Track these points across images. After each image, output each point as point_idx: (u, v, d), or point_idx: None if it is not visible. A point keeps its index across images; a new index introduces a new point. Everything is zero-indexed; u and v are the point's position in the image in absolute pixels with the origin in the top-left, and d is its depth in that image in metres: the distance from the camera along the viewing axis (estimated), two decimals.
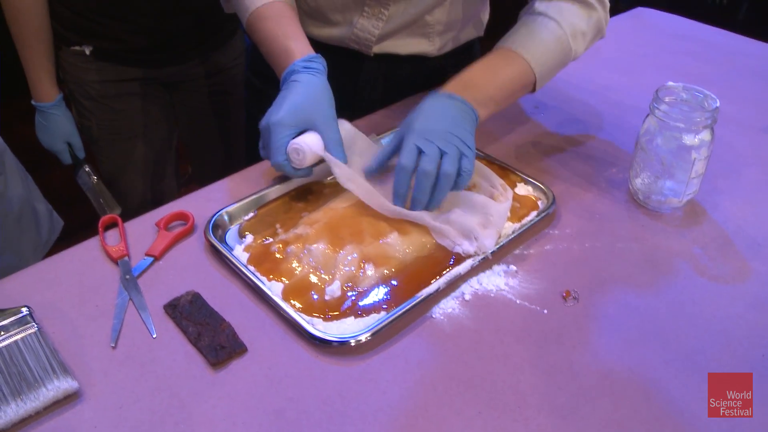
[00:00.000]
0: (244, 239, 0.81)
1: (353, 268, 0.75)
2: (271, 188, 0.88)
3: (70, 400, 0.62)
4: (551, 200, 0.87)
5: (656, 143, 0.85)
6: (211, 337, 0.68)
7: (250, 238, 0.81)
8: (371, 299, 0.73)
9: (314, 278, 0.75)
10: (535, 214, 0.86)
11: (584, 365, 0.67)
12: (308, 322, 0.69)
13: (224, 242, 0.81)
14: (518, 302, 0.74)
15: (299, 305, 0.71)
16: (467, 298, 0.75)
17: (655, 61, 1.36)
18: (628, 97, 1.19)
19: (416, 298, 0.72)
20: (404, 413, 0.62)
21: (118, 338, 0.69)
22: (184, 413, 0.62)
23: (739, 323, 0.73)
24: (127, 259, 0.78)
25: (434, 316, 0.72)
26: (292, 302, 0.72)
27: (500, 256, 0.80)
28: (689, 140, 0.82)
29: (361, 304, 0.72)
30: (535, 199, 0.89)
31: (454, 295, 0.75)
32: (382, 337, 0.69)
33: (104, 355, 0.67)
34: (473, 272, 0.77)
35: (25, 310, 0.68)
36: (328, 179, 0.92)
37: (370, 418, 0.62)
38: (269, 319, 0.71)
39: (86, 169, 1.42)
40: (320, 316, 0.70)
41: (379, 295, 0.73)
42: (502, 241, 0.80)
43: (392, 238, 0.78)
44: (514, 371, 0.66)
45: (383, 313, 0.71)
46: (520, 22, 0.96)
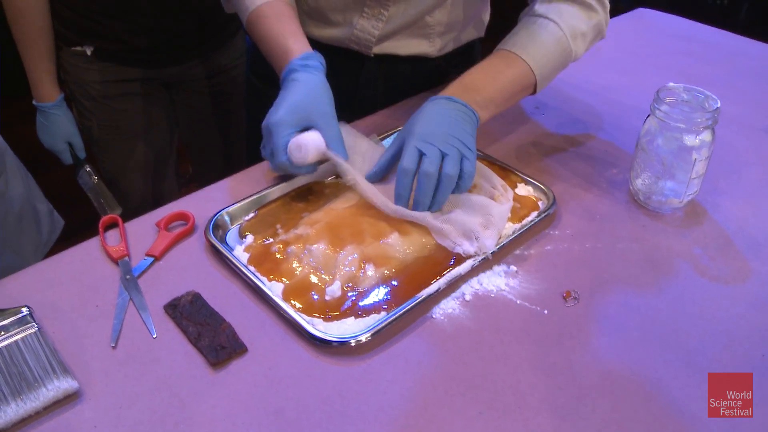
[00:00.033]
0: (244, 239, 0.81)
1: (354, 268, 0.75)
2: (271, 188, 0.88)
3: (70, 400, 0.62)
4: (552, 201, 0.87)
5: (657, 144, 0.85)
6: (211, 337, 0.68)
7: (250, 238, 0.81)
8: (371, 299, 0.72)
9: (314, 278, 0.75)
10: (535, 214, 0.86)
11: (584, 365, 0.67)
12: (308, 322, 0.69)
13: (225, 242, 0.81)
14: (518, 302, 0.74)
15: (299, 305, 0.72)
16: (467, 298, 0.75)
17: (655, 61, 1.36)
18: (628, 97, 1.19)
19: (416, 298, 0.72)
20: (404, 413, 0.62)
21: (118, 338, 0.69)
22: (184, 413, 0.62)
23: (739, 323, 0.73)
24: (127, 259, 0.78)
25: (434, 316, 0.72)
26: (292, 302, 0.72)
27: (500, 256, 0.80)
28: (690, 141, 0.82)
29: (361, 304, 0.72)
30: (535, 199, 0.89)
31: (454, 295, 0.75)
32: (382, 337, 0.69)
33: (104, 355, 0.67)
34: (473, 272, 0.77)
35: (25, 310, 0.69)
36: (328, 179, 0.92)
37: (370, 418, 0.62)
38: (269, 319, 0.71)
39: (87, 169, 1.42)
40: (320, 316, 0.70)
41: (379, 295, 0.73)
42: (502, 241, 0.80)
43: (393, 238, 0.78)
44: (514, 371, 0.66)
45: (383, 313, 0.71)
46: (520, 24, 0.96)
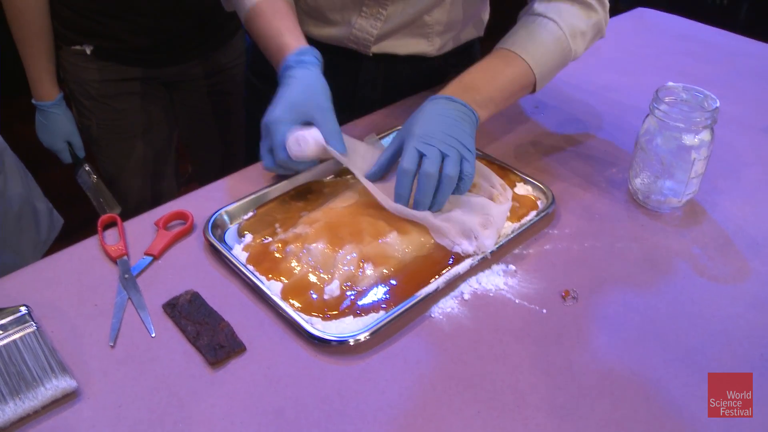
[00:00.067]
0: (243, 238, 0.81)
1: (352, 267, 0.75)
2: (270, 188, 0.88)
3: (68, 399, 0.62)
4: (551, 200, 0.87)
5: (656, 143, 0.85)
6: (210, 336, 0.68)
7: (249, 237, 0.81)
8: (370, 299, 0.72)
9: (313, 278, 0.74)
10: (534, 213, 0.86)
11: (583, 365, 0.67)
12: (307, 321, 0.69)
13: (223, 241, 0.81)
14: (517, 302, 0.74)
15: (298, 304, 0.71)
16: (466, 297, 0.74)
17: (655, 61, 1.36)
18: (627, 97, 1.19)
19: (415, 297, 0.72)
20: (403, 412, 0.62)
21: (116, 337, 0.69)
22: (183, 412, 0.61)
23: (738, 323, 0.73)
24: (126, 258, 0.78)
25: (433, 315, 0.72)
26: (291, 301, 0.72)
27: (499, 255, 0.80)
28: (689, 140, 0.82)
29: (360, 303, 0.72)
30: (534, 198, 0.89)
31: (453, 294, 0.75)
32: (381, 336, 0.69)
33: (103, 354, 0.67)
34: (472, 272, 0.77)
35: (23, 309, 0.68)
36: (327, 178, 0.92)
37: (369, 417, 0.62)
38: (268, 318, 0.71)
39: (86, 168, 1.42)
40: (319, 315, 0.70)
41: (378, 294, 0.73)
42: (501, 240, 0.80)
43: (391, 237, 0.78)
44: (513, 371, 0.66)
45: (382, 312, 0.71)
46: (519, 23, 0.96)
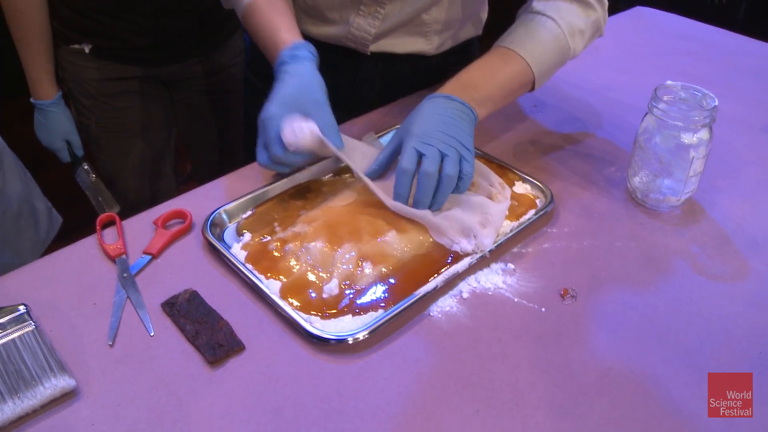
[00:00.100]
0: (241, 237, 0.81)
1: (351, 266, 0.75)
2: (269, 186, 0.88)
3: (67, 398, 0.62)
4: (549, 199, 0.87)
5: (655, 142, 0.84)
6: (208, 335, 0.68)
7: (247, 236, 0.81)
8: (369, 297, 0.72)
9: (312, 276, 0.74)
10: (533, 212, 0.86)
11: (582, 363, 0.67)
12: (306, 320, 0.69)
13: (222, 240, 0.81)
14: (516, 300, 0.74)
15: (297, 303, 0.71)
16: (465, 296, 0.74)
17: (654, 60, 1.36)
18: (626, 95, 1.19)
19: (414, 296, 0.72)
20: (402, 411, 0.62)
21: (115, 336, 0.69)
22: (181, 411, 0.61)
23: (737, 322, 0.73)
24: (124, 257, 0.78)
25: (432, 314, 0.72)
26: (289, 300, 0.72)
27: (498, 254, 0.80)
28: (687, 139, 0.82)
29: (358, 302, 0.72)
30: (533, 197, 0.89)
31: (452, 293, 0.75)
32: (379, 335, 0.69)
33: (102, 353, 0.67)
34: (471, 270, 0.77)
35: (22, 308, 0.68)
36: (326, 177, 0.92)
37: (368, 416, 0.62)
38: (267, 317, 0.71)
39: (85, 167, 1.42)
40: (318, 314, 0.70)
41: (377, 293, 0.73)
42: (500, 239, 0.80)
43: (390, 236, 0.78)
44: (512, 369, 0.66)
45: (381, 311, 0.71)
46: (518, 21, 0.96)
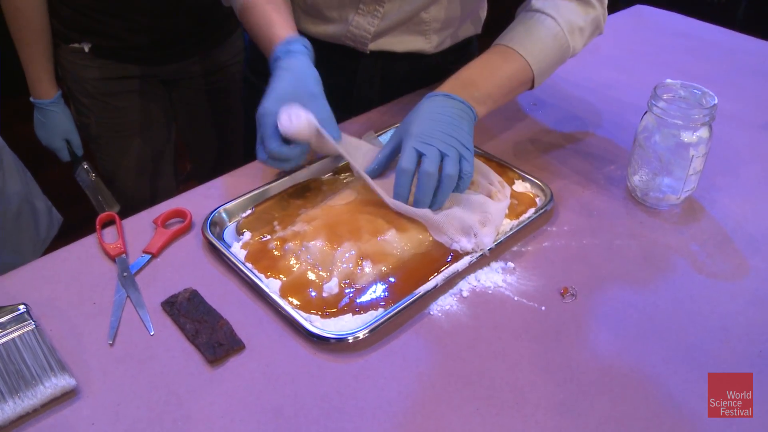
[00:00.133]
0: (241, 236, 0.81)
1: (351, 265, 0.75)
2: (268, 185, 0.88)
3: (67, 397, 0.62)
4: (549, 197, 0.87)
5: (654, 140, 0.84)
6: (208, 334, 0.68)
7: (247, 235, 0.81)
8: (369, 296, 0.72)
9: (312, 275, 0.74)
10: (533, 211, 0.86)
11: (582, 362, 0.67)
12: (306, 319, 0.69)
13: (222, 239, 0.81)
14: (516, 299, 0.74)
15: (297, 302, 0.71)
16: (465, 295, 0.75)
17: (653, 58, 1.36)
18: (626, 94, 1.19)
19: (414, 295, 0.72)
20: (402, 410, 0.62)
21: (115, 335, 0.69)
22: (181, 410, 0.61)
23: (737, 320, 0.73)
24: (124, 256, 0.78)
25: (432, 313, 0.72)
26: (289, 299, 0.72)
27: (498, 253, 0.80)
28: (687, 137, 0.82)
29: (358, 301, 0.72)
30: (533, 196, 0.89)
31: (452, 292, 0.75)
32: (379, 334, 0.69)
33: (102, 352, 0.67)
34: (471, 269, 0.77)
35: (22, 307, 0.68)
36: (326, 176, 0.92)
37: (368, 415, 0.62)
38: (267, 316, 0.71)
39: (85, 166, 1.42)
40: (318, 313, 0.70)
41: (376, 292, 0.73)
42: (499, 238, 0.80)
43: (390, 235, 0.78)
44: (512, 368, 0.66)
45: (381, 310, 0.71)
46: (517, 19, 0.96)
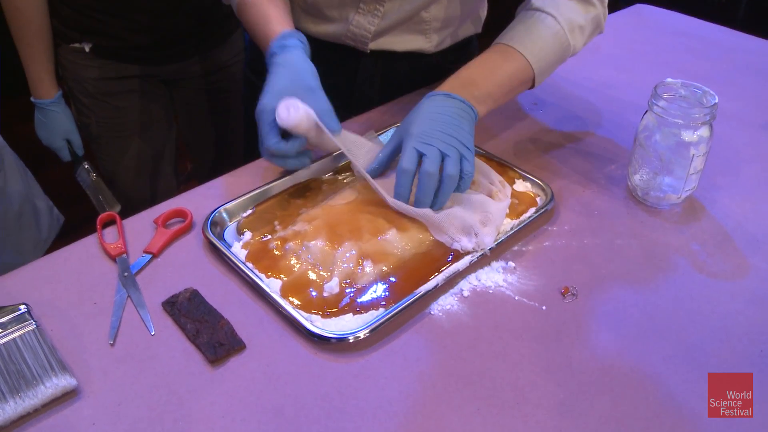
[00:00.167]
0: (242, 236, 0.81)
1: (351, 264, 0.75)
2: (269, 185, 0.88)
3: (68, 397, 0.62)
4: (550, 197, 0.87)
5: (655, 139, 0.84)
6: (209, 334, 0.68)
7: (248, 235, 0.81)
8: (370, 296, 0.72)
9: (312, 275, 0.74)
10: (533, 210, 0.86)
11: (583, 362, 0.67)
12: (306, 318, 0.69)
13: (222, 239, 0.81)
14: (517, 299, 0.74)
15: (297, 302, 0.71)
16: (466, 294, 0.75)
17: (654, 57, 1.36)
18: (626, 93, 1.19)
19: (415, 294, 0.72)
20: (403, 410, 0.62)
21: (116, 335, 0.69)
22: (182, 410, 0.62)
23: (738, 320, 0.73)
24: (125, 256, 0.78)
25: (433, 312, 0.72)
26: (290, 299, 0.72)
27: (499, 252, 0.80)
28: (688, 136, 0.82)
29: (359, 300, 0.72)
30: (533, 195, 0.89)
31: (452, 291, 0.75)
32: (380, 333, 0.69)
33: (102, 352, 0.67)
34: (472, 269, 0.77)
35: (23, 307, 0.68)
36: (326, 176, 0.92)
37: (368, 414, 0.62)
38: (267, 316, 0.71)
39: (85, 166, 1.42)
40: (318, 312, 0.70)
41: (377, 291, 0.73)
42: (500, 237, 0.80)
43: (391, 234, 0.78)
44: (512, 368, 0.66)
45: (382, 309, 0.71)
46: (517, 18, 0.96)
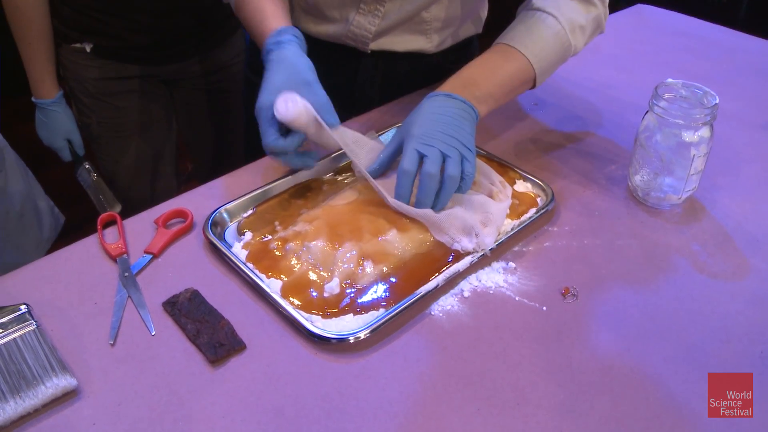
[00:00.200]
0: (242, 236, 0.81)
1: (352, 265, 0.75)
2: (270, 185, 0.88)
3: (68, 397, 0.63)
4: (550, 197, 0.87)
5: (655, 140, 0.84)
6: (210, 334, 0.68)
7: (248, 235, 0.81)
8: (370, 296, 0.72)
9: (313, 275, 0.74)
10: (534, 211, 0.86)
11: (583, 362, 0.67)
12: (307, 319, 0.69)
13: (223, 239, 0.81)
14: (517, 299, 0.74)
15: (298, 302, 0.71)
16: (466, 295, 0.75)
17: (654, 58, 1.36)
18: (627, 94, 1.19)
19: (415, 295, 0.72)
20: (403, 410, 0.62)
21: (116, 336, 0.69)
22: (183, 410, 0.62)
23: (738, 320, 0.73)
24: (126, 256, 0.78)
25: (433, 313, 0.72)
26: (290, 299, 0.72)
27: (499, 253, 0.80)
28: (688, 137, 0.82)
29: (360, 301, 0.72)
30: (534, 196, 0.89)
31: (453, 292, 0.75)
32: (381, 334, 0.69)
33: (103, 352, 0.67)
34: (472, 269, 0.77)
35: (23, 307, 0.68)
36: (326, 176, 0.92)
37: (369, 415, 0.62)
38: (268, 316, 0.71)
39: (86, 166, 1.42)
40: (319, 313, 0.70)
41: (378, 292, 0.73)
42: (501, 238, 0.80)
43: (391, 235, 0.78)
44: (513, 368, 0.66)
45: (382, 310, 0.71)
46: (518, 18, 0.95)
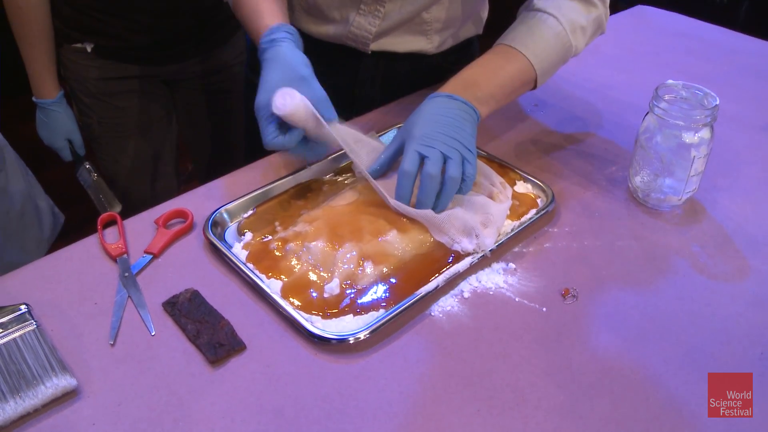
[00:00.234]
0: (243, 237, 0.81)
1: (352, 265, 0.75)
2: (270, 186, 0.88)
3: (68, 397, 0.63)
4: (551, 198, 0.87)
5: (656, 141, 0.84)
6: (209, 334, 0.68)
7: (249, 235, 0.81)
8: (370, 297, 0.72)
9: (313, 276, 0.74)
10: (534, 212, 0.86)
11: (583, 363, 0.67)
12: (307, 319, 0.69)
13: (223, 240, 0.81)
14: (517, 300, 0.74)
15: (298, 303, 0.71)
16: (466, 296, 0.75)
17: (655, 59, 1.36)
18: (627, 95, 1.19)
19: (415, 295, 0.72)
20: (403, 411, 0.62)
21: (116, 336, 0.69)
22: (182, 410, 0.62)
23: (738, 321, 0.73)
24: (126, 256, 0.78)
25: (433, 314, 0.72)
26: (290, 300, 0.72)
27: (499, 253, 0.80)
28: (689, 138, 0.82)
29: (360, 301, 0.72)
30: (534, 197, 0.89)
31: (453, 292, 0.75)
32: (381, 334, 0.69)
33: (103, 352, 0.67)
34: (472, 270, 0.77)
35: (23, 307, 0.69)
36: (327, 177, 0.92)
37: (369, 415, 0.62)
38: (268, 316, 0.71)
39: (87, 166, 1.42)
40: (319, 313, 0.70)
41: (378, 292, 0.73)
42: (501, 239, 0.80)
43: (391, 235, 0.78)
44: (513, 369, 0.66)
45: (382, 310, 0.71)
46: (519, 18, 0.95)
